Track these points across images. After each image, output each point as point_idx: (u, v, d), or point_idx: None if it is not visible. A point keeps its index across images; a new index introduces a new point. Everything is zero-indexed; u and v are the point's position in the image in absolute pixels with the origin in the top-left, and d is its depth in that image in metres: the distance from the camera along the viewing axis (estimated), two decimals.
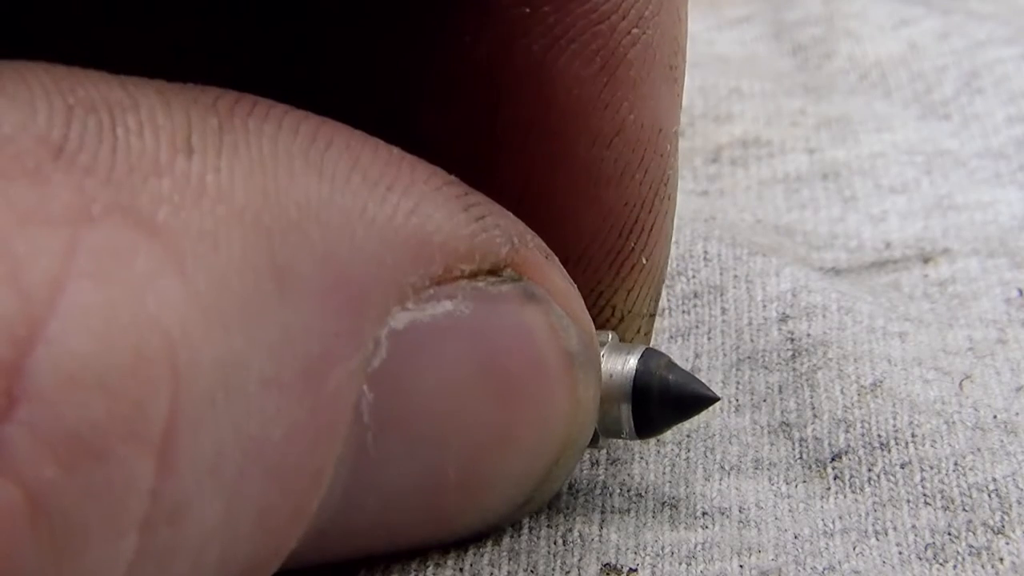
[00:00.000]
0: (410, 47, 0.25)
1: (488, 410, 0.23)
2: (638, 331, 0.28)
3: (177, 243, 0.18)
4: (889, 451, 0.27)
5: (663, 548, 0.26)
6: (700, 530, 0.26)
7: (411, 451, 0.22)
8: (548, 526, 0.26)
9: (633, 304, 0.27)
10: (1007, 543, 0.25)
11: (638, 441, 0.27)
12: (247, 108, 0.20)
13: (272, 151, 0.20)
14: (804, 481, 0.27)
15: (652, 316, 0.29)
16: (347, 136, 0.21)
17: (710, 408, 0.29)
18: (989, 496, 0.26)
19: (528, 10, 0.23)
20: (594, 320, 0.26)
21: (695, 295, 0.33)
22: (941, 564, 0.25)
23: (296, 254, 0.19)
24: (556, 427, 0.24)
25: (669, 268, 0.33)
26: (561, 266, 0.24)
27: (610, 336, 0.26)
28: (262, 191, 0.19)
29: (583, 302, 0.24)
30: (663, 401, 0.25)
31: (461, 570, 0.25)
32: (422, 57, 0.24)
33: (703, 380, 0.29)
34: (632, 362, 0.25)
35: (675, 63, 0.26)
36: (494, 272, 0.23)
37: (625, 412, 0.25)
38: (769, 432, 0.29)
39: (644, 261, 0.27)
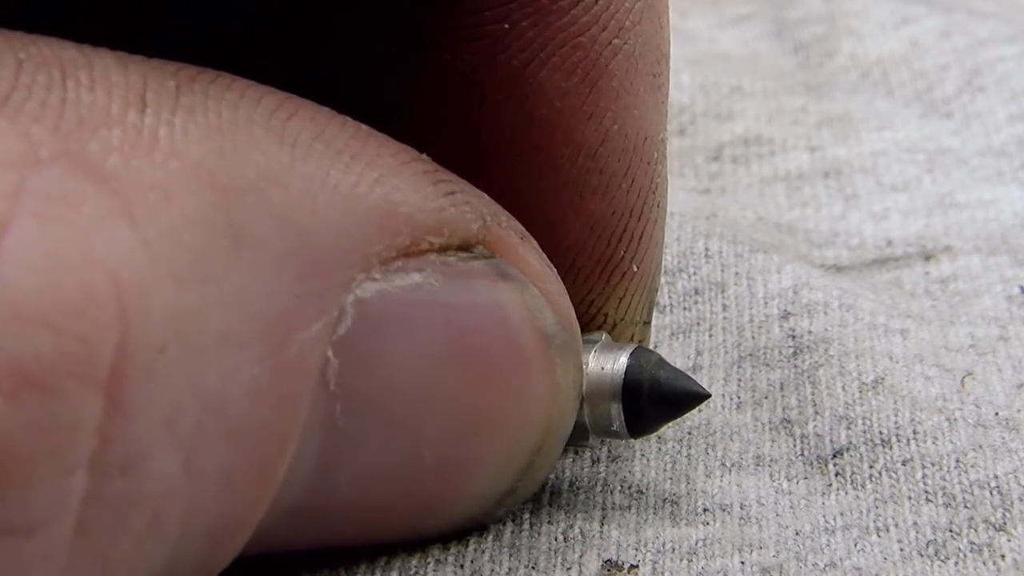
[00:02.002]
0: (393, 65, 0.25)
1: (462, 389, 0.23)
2: (631, 339, 0.28)
3: (126, 191, 0.18)
4: (891, 448, 0.27)
5: (664, 544, 0.26)
6: (701, 526, 0.26)
7: (383, 427, 0.22)
8: (549, 522, 0.26)
9: (625, 312, 0.27)
10: (1008, 540, 0.25)
11: (630, 440, 0.27)
12: (209, 77, 0.20)
13: (232, 116, 0.20)
14: (805, 478, 0.27)
15: (647, 324, 0.28)
16: (313, 110, 0.21)
17: (711, 405, 0.29)
18: (991, 493, 0.26)
19: (507, 25, 0.24)
20: (585, 328, 0.26)
21: (696, 292, 0.33)
22: (943, 561, 0.25)
23: (253, 214, 0.19)
24: (535, 412, 0.24)
25: (670, 265, 0.33)
26: (538, 248, 0.24)
27: (602, 336, 0.26)
28: (218, 151, 0.19)
29: (563, 286, 0.24)
30: (654, 398, 0.25)
31: (462, 566, 0.25)
32: (405, 74, 0.25)
33: (703, 377, 0.29)
34: (622, 360, 0.25)
35: (658, 71, 0.26)
36: (464, 248, 0.22)
37: (616, 410, 0.25)
38: (770, 429, 0.29)
39: (635, 269, 0.27)
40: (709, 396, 0.25)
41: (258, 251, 0.19)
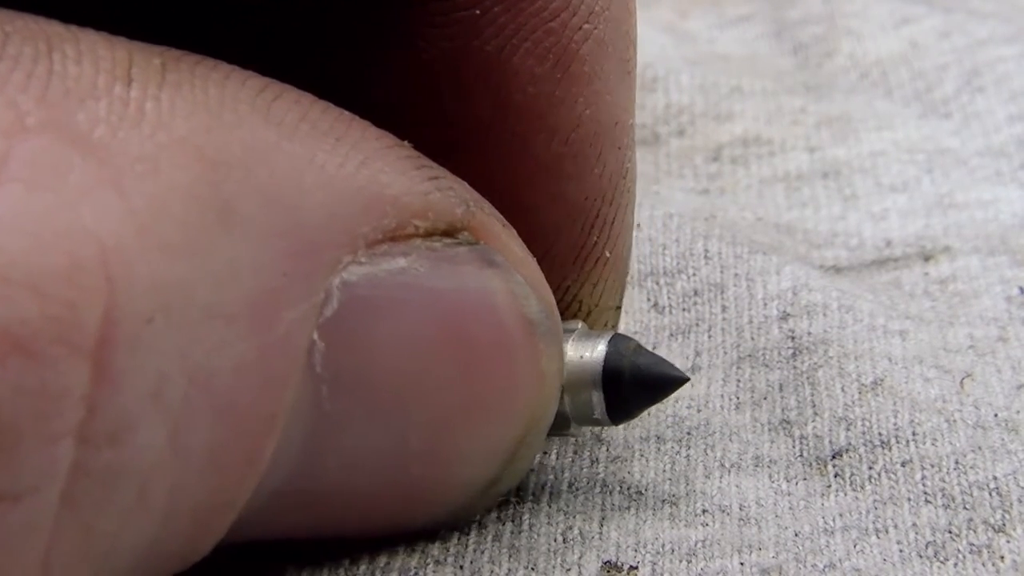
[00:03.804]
0: (366, 53, 0.25)
1: (448, 375, 0.23)
2: (605, 324, 0.28)
3: (114, 161, 0.18)
4: (890, 449, 0.27)
5: (663, 546, 0.26)
6: (700, 527, 0.26)
7: (369, 412, 0.22)
8: (548, 523, 0.26)
9: (599, 298, 0.28)
10: (1008, 541, 0.25)
11: (612, 426, 0.27)
12: (194, 59, 0.20)
13: (218, 94, 0.20)
14: (805, 479, 0.27)
15: (618, 308, 0.29)
16: (296, 93, 0.21)
17: (710, 406, 0.29)
18: (990, 494, 0.26)
19: (479, 12, 0.24)
20: (561, 315, 0.26)
21: (695, 293, 0.33)
22: (942, 562, 0.25)
23: (241, 191, 0.19)
24: (520, 400, 0.24)
25: (669, 266, 0.33)
26: (518, 236, 0.24)
27: (579, 324, 0.26)
28: (205, 126, 0.19)
29: (542, 273, 0.24)
30: (634, 385, 0.25)
31: (461, 567, 0.25)
32: (378, 63, 0.25)
33: (703, 378, 0.29)
34: (601, 347, 0.25)
35: (628, 56, 0.26)
36: (449, 233, 0.22)
37: (596, 397, 0.25)
38: (769, 430, 0.29)
39: (608, 254, 0.27)
40: (688, 380, 0.25)
41: (246, 227, 0.19)
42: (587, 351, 0.25)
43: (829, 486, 0.27)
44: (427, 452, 0.23)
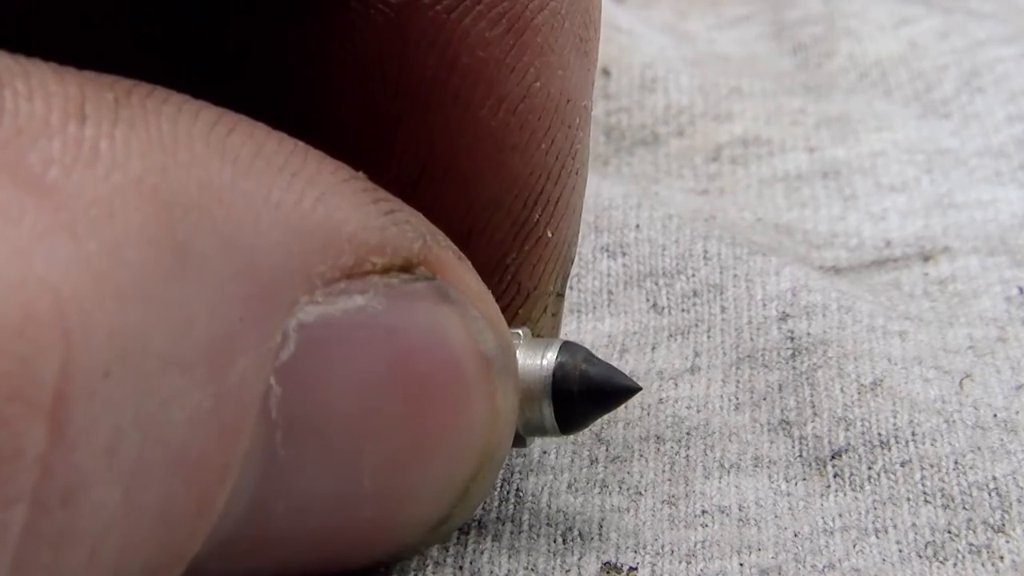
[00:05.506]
0: (314, 10, 0.24)
1: (402, 414, 0.22)
2: (545, 310, 0.27)
3: (68, 205, 0.17)
4: (889, 449, 0.27)
5: (663, 547, 0.26)
6: (700, 528, 0.26)
7: (323, 455, 0.21)
8: (548, 524, 0.26)
9: (539, 280, 0.27)
10: (1007, 541, 0.25)
11: (562, 437, 0.27)
12: (146, 91, 0.19)
13: (172, 131, 0.19)
14: (804, 479, 0.27)
15: (560, 296, 0.28)
16: (250, 125, 0.20)
17: (710, 406, 0.29)
18: (989, 494, 0.26)
19: None
20: (500, 298, 0.25)
21: (695, 294, 0.33)
22: (941, 562, 0.25)
23: (198, 233, 0.19)
24: (474, 437, 0.23)
25: (668, 267, 0.33)
26: (474, 270, 0.24)
27: (522, 333, 0.25)
28: (160, 166, 0.18)
29: (499, 308, 0.24)
30: (584, 396, 0.25)
31: (461, 568, 0.25)
32: (326, 21, 0.24)
33: (702, 378, 0.29)
34: (550, 358, 0.25)
35: (586, 35, 0.25)
36: (406, 269, 0.22)
37: (547, 410, 0.25)
38: (769, 430, 0.29)
39: (549, 235, 0.26)
40: (640, 389, 0.25)
41: (202, 271, 0.19)
42: (536, 362, 0.25)
43: (828, 486, 0.27)
44: (379, 492, 0.22)
